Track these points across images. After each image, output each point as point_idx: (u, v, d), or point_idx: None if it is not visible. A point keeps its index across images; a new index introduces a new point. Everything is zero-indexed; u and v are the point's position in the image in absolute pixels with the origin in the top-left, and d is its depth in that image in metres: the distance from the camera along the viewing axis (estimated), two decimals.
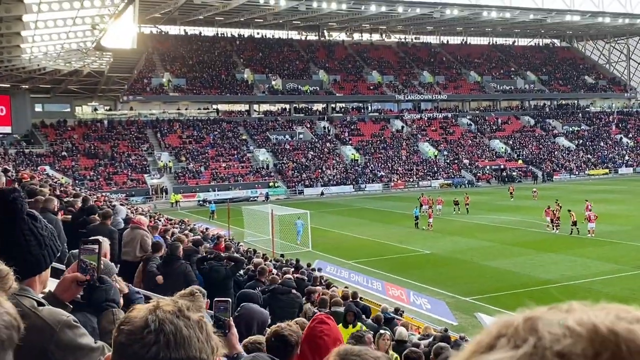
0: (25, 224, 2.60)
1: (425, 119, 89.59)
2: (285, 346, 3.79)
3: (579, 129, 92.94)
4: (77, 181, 56.67)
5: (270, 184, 67.82)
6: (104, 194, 40.66)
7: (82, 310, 2.82)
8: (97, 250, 3.15)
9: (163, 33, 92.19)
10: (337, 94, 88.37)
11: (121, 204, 23.44)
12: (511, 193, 54.86)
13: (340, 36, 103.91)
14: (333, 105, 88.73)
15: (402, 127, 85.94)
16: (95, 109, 76.16)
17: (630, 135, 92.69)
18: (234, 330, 3.34)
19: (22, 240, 2.49)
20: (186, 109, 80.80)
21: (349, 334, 6.74)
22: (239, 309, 5.22)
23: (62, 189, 19.44)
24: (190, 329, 1.32)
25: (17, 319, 1.34)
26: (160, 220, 23.95)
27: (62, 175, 52.16)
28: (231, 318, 3.31)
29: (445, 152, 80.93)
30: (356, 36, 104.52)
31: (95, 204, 13.00)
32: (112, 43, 40.75)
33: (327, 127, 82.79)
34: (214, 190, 64.41)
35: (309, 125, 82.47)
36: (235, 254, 12.00)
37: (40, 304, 2.25)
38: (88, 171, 64.42)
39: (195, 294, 3.51)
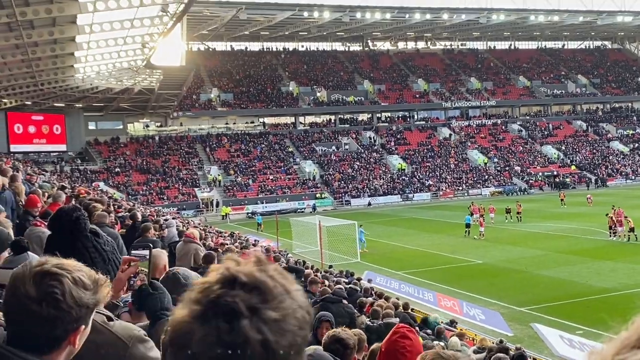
0: (89, 241, 2.67)
1: (474, 126, 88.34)
2: (344, 349, 3.82)
3: (633, 132, 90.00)
4: (130, 196, 58.06)
5: (317, 195, 67.99)
6: (155, 208, 41.51)
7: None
8: (148, 256, 3.19)
9: (210, 49, 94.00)
10: (382, 103, 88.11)
11: (173, 218, 23.88)
12: (562, 200, 53.47)
13: (384, 45, 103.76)
14: (378, 115, 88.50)
15: (450, 134, 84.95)
16: (147, 126, 78.02)
17: None
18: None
19: (87, 257, 2.55)
20: (234, 123, 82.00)
21: None
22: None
23: (116, 203, 19.95)
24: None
25: None
26: (210, 233, 24.28)
27: (115, 191, 53.51)
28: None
29: (496, 159, 79.54)
30: (401, 45, 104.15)
31: (147, 218, 13.27)
32: (161, 61, 41.68)
33: (373, 137, 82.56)
34: (262, 203, 64.98)
35: (354, 136, 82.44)
36: (294, 265, 12.05)
37: (109, 318, 2.29)
38: (141, 186, 65.96)
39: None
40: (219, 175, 69.77)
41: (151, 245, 3.48)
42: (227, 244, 15.28)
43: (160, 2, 26.00)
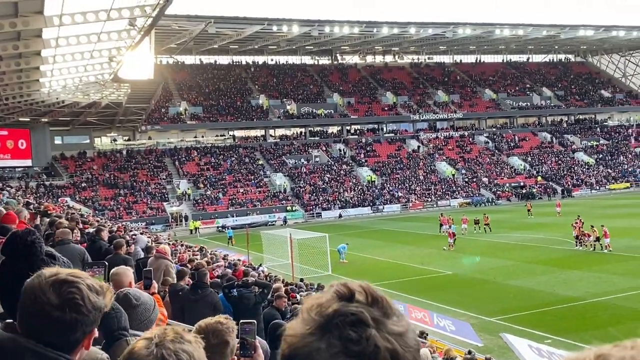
0: (45, 265, 2.61)
1: (442, 138, 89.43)
2: None
3: (597, 143, 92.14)
4: (97, 211, 57.18)
5: (288, 208, 67.91)
6: (123, 223, 40.94)
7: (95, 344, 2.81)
8: (103, 274, 3.19)
9: (179, 63, 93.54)
10: (351, 116, 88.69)
11: (141, 233, 23.58)
12: (529, 210, 54.32)
13: (353, 59, 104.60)
14: (348, 128, 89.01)
15: (419, 146, 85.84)
16: (114, 140, 77.10)
17: None
18: (260, 351, 3.37)
19: None
20: (203, 137, 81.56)
21: None
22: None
23: (83, 219, 19.63)
24: (195, 352, 1.33)
25: None
26: (179, 248, 24.05)
27: (82, 206, 52.66)
28: (257, 339, 3.36)
29: (464, 171, 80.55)
30: (369, 58, 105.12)
31: (116, 234, 13.09)
32: (129, 74, 41.33)
33: (343, 150, 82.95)
34: (233, 216, 64.63)
35: (324, 148, 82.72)
36: (261, 280, 11.99)
37: None
38: (108, 201, 65.04)
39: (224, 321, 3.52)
40: (188, 189, 69.21)
41: (106, 263, 3.46)
42: (197, 259, 15.13)
43: (128, 16, 25.82)
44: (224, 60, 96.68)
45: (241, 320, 3.41)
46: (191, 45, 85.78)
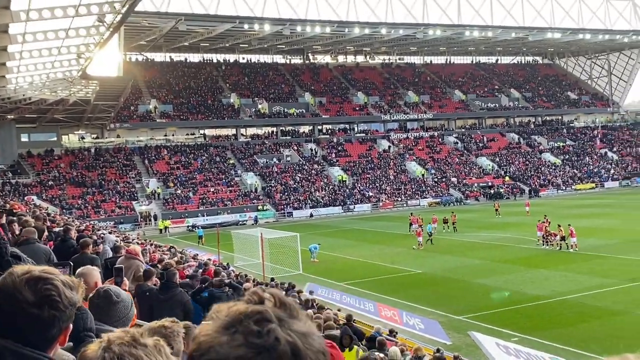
0: (10, 267, 2.59)
1: (412, 138, 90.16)
2: None
3: (564, 144, 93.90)
4: (64, 210, 56.29)
5: (259, 207, 67.73)
6: (91, 222, 40.39)
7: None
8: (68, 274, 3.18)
9: (149, 60, 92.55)
10: (323, 116, 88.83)
11: (110, 232, 23.32)
12: (497, 210, 55.09)
13: (324, 59, 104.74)
14: (319, 127, 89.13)
15: (389, 146, 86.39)
16: (82, 138, 75.94)
17: (615, 149, 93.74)
18: None
19: None
20: (173, 135, 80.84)
21: (349, 358, 6.71)
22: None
23: (50, 218, 19.32)
24: (151, 355, 1.30)
25: None
26: (148, 247, 23.83)
27: (48, 205, 51.77)
28: None
29: (433, 171, 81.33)
30: (340, 58, 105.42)
31: (84, 234, 12.93)
32: (98, 71, 40.75)
33: (314, 149, 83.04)
34: (203, 215, 64.22)
35: (296, 148, 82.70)
36: (233, 282, 11.96)
37: None
38: (76, 200, 64.03)
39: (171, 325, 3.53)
40: (157, 187, 68.53)
41: (71, 264, 3.44)
42: (166, 259, 15.02)
43: (97, 12, 25.47)
44: (194, 58, 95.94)
45: (202, 322, 3.39)
46: (161, 42, 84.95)
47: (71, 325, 1.91)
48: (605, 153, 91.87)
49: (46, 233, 9.88)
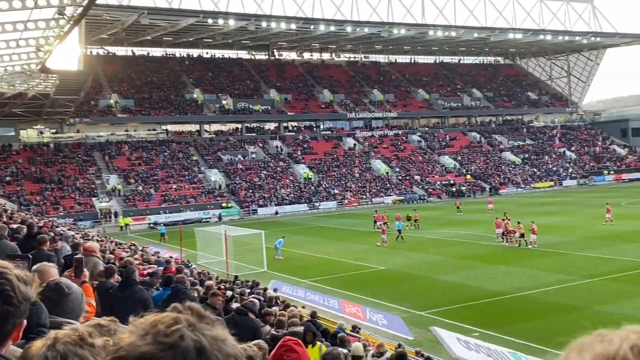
0: None
1: (377, 136, 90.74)
2: None
3: (524, 143, 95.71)
4: (22, 206, 54.96)
5: (223, 204, 67.25)
6: (50, 219, 39.53)
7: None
8: (27, 268, 3.12)
9: (110, 54, 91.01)
10: (288, 113, 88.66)
11: (69, 229, 22.85)
12: (458, 207, 55.87)
13: (290, 55, 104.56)
14: (285, 124, 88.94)
15: (355, 144, 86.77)
16: (41, 132, 74.19)
17: (573, 148, 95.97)
18: None
19: None
20: (135, 131, 79.59)
21: (312, 354, 6.72)
22: None
23: (7, 214, 18.83)
24: (97, 356, 1.27)
25: None
26: (108, 245, 23.44)
27: (6, 201, 50.48)
28: None
29: (397, 169, 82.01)
30: (306, 55, 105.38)
31: (42, 230, 12.65)
32: (57, 65, 39.84)
33: (280, 146, 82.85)
34: (165, 213, 63.46)
35: (261, 145, 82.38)
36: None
37: None
38: (34, 196, 62.57)
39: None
40: (118, 184, 67.44)
41: (30, 257, 3.36)
42: (126, 256, 14.80)
43: (57, 5, 24.90)
44: (157, 52, 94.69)
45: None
46: (123, 36, 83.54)
47: (25, 322, 1.85)
48: (563, 152, 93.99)
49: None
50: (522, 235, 34.70)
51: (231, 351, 1.13)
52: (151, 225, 60.21)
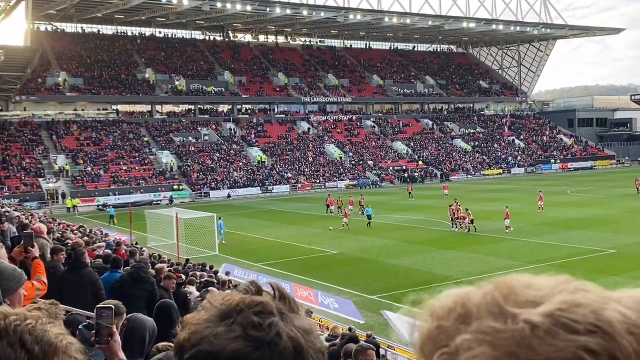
0: None
1: (331, 121, 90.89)
2: None
3: (474, 131, 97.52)
4: None
5: (175, 186, 66.34)
6: None
7: None
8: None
9: (59, 30, 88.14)
10: (243, 95, 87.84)
11: (14, 209, 22.14)
12: (410, 193, 56.61)
13: (245, 37, 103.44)
14: (239, 107, 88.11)
15: (309, 128, 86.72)
16: None
17: (522, 137, 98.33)
18: (117, 337, 3.32)
19: None
20: (83, 110, 77.49)
21: None
22: (126, 321, 4.99)
23: None
24: (8, 348, 1.14)
25: None
26: (56, 226, 22.85)
27: None
28: (114, 325, 3.29)
29: (351, 154, 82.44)
30: (261, 38, 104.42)
31: None
32: (3, 40, 38.48)
33: (233, 129, 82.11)
34: (115, 194, 62.20)
35: (214, 127, 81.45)
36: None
37: None
38: None
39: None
40: (66, 164, 65.69)
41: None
42: (73, 238, 14.45)
43: None
44: (108, 30, 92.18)
45: (97, 305, 3.33)
46: (72, 12, 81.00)
47: None
48: (512, 140, 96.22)
49: None
50: (471, 221, 35.43)
51: (320, 346, 1.00)
52: (100, 207, 58.96)
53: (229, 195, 66.84)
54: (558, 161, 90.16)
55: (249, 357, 0.90)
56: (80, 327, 4.08)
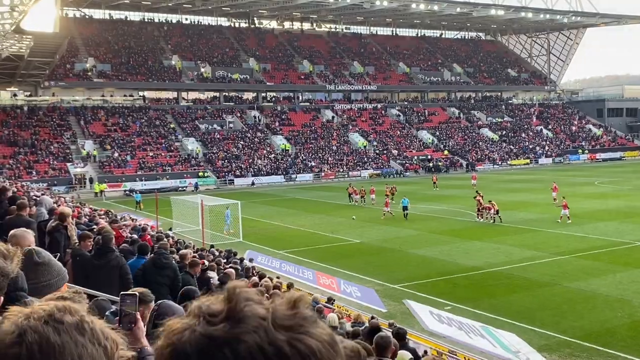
0: None
1: (356, 109, 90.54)
2: None
3: (502, 120, 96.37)
4: None
5: (200, 173, 66.86)
6: (24, 183, 38.97)
7: None
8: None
9: (87, 17, 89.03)
10: (267, 83, 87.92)
11: (42, 194, 22.52)
12: (434, 182, 56.22)
13: (270, 24, 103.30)
14: (263, 94, 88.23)
15: (333, 117, 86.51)
16: (15, 95, 72.68)
17: (550, 126, 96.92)
18: (141, 324, 3.35)
19: None
20: (111, 96, 78.35)
21: None
22: (156, 307, 5.06)
23: None
24: (64, 334, 1.16)
25: None
26: (84, 210, 23.19)
27: None
28: (137, 312, 3.32)
29: (375, 143, 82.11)
30: (287, 25, 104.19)
31: (16, 195, 12.44)
32: (32, 26, 38.88)
33: (258, 117, 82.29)
34: (141, 180, 62.92)
35: (239, 114, 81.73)
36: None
37: None
38: (7, 159, 61.55)
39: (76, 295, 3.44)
40: (94, 150, 66.58)
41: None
42: (101, 223, 14.66)
43: None
44: (135, 16, 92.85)
45: (122, 292, 3.36)
46: None
47: (2, 298, 1.75)
48: (540, 130, 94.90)
49: None
50: (496, 212, 35.11)
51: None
52: (127, 192, 59.69)
53: (253, 183, 67.15)
54: (586, 151, 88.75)
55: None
56: (107, 313, 4.14)
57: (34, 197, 16.45)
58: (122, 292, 3.36)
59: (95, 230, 10.76)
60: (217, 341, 0.97)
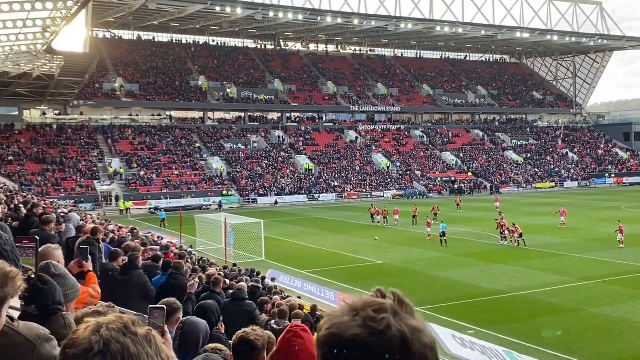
0: None
1: (379, 130, 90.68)
2: (252, 350, 3.91)
3: (527, 143, 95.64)
4: (23, 187, 55.07)
5: (224, 192, 67.35)
6: (52, 200, 39.66)
7: (31, 319, 2.62)
8: (34, 249, 3.18)
9: (116, 38, 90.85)
10: (292, 104, 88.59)
11: (69, 211, 22.93)
12: (458, 204, 55.89)
13: (296, 46, 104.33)
14: (288, 115, 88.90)
15: (356, 137, 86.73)
16: (44, 113, 74.21)
17: (576, 150, 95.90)
18: (168, 336, 3.44)
19: None
20: (138, 115, 79.58)
21: None
22: (181, 324, 5.18)
23: (8, 194, 18.92)
24: (139, 345, 1.26)
25: None
26: (110, 227, 23.50)
27: (7, 181, 50.57)
28: (165, 325, 3.40)
29: (398, 164, 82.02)
30: (312, 46, 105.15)
31: (46, 211, 12.72)
32: (63, 46, 39.83)
33: (282, 137, 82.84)
34: (166, 198, 63.58)
35: (263, 134, 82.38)
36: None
37: (12, 319, 2.23)
38: (35, 176, 62.71)
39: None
40: (120, 168, 67.53)
41: (37, 238, 3.43)
42: (128, 239, 14.89)
43: None
44: (163, 38, 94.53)
45: (150, 306, 3.45)
46: (130, 20, 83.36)
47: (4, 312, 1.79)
48: (566, 153, 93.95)
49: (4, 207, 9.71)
50: (520, 235, 34.76)
51: (428, 342, 1.25)
52: (152, 210, 60.34)
53: (276, 202, 67.41)
54: (613, 175, 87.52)
55: (364, 341, 1.22)
56: None
57: (62, 215, 16.77)
58: (150, 306, 3.46)
59: (123, 246, 10.96)
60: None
